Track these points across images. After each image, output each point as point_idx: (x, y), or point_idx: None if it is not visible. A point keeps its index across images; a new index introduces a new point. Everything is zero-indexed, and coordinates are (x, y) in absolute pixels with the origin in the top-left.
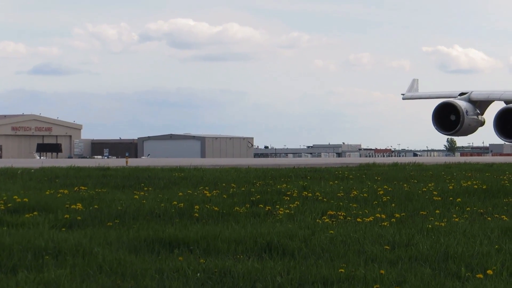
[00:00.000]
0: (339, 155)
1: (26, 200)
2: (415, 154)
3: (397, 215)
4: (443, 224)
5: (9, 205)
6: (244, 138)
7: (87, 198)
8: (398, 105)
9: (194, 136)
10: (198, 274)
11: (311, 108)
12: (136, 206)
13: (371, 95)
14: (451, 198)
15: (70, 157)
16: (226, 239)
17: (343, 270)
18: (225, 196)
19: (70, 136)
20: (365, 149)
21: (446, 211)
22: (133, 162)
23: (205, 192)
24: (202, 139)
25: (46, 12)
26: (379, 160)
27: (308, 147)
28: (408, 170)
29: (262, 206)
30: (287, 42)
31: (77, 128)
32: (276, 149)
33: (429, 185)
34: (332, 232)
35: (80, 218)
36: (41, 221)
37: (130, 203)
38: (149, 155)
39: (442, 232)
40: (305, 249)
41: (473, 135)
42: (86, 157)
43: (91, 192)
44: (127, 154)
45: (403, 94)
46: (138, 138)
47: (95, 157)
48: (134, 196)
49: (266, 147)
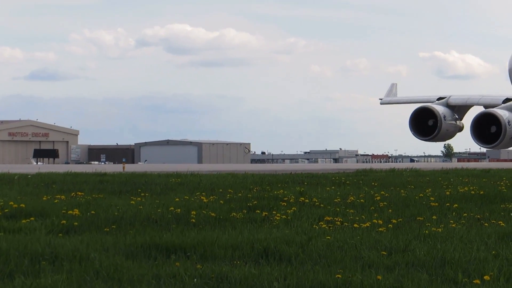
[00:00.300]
0: (336, 160)
1: (23, 205)
2: (412, 160)
3: (394, 221)
4: (440, 230)
5: (5, 210)
6: (241, 144)
7: (84, 203)
8: (395, 110)
9: (191, 142)
10: (195, 279)
11: (308, 113)
12: (133, 212)
13: (368, 100)
14: (448, 204)
15: (67, 163)
16: (223, 244)
17: (340, 276)
18: (222, 202)
19: (67, 142)
20: (362, 155)
21: (443, 217)
22: (130, 167)
23: (202, 197)
24: (199, 145)
25: (43, 17)
26: (376, 165)
27: (305, 152)
28: (405, 175)
29: (259, 211)
30: (284, 47)
31: (74, 134)
32: (273, 154)
33: (426, 190)
34: (329, 237)
35: (77, 223)
36: (38, 226)
37: (127, 208)
38: (146, 160)
39: (439, 238)
40: (302, 254)
41: (453, 140)
42: (83, 163)
43: (88, 198)
44: (124, 160)
45: (381, 99)
46: (135, 143)
47: (92, 162)
48: (131, 202)
49: (263, 153)
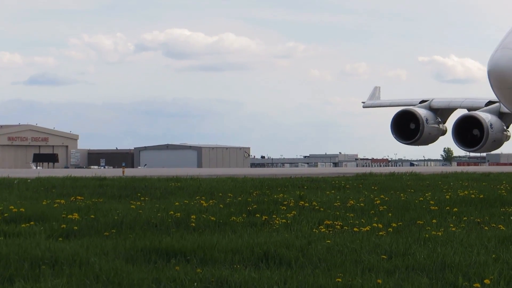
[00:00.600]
0: (336, 165)
1: (23, 210)
2: (412, 163)
3: (394, 225)
4: (440, 234)
5: (5, 215)
6: (240, 148)
7: (83, 208)
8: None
9: (191, 146)
10: (195, 283)
11: (308, 117)
12: (133, 216)
13: None
14: (448, 208)
15: (67, 167)
16: (223, 248)
17: (340, 280)
18: (221, 206)
19: (67, 146)
20: (361, 159)
21: (443, 221)
22: (129, 172)
23: (201, 202)
24: (198, 149)
25: (42, 22)
26: (375, 169)
27: (305, 157)
28: (405, 179)
29: (258, 215)
30: (283, 52)
31: (74, 138)
32: (272, 159)
33: (426, 194)
34: (329, 241)
35: (76, 228)
36: (37, 231)
37: (126, 213)
38: (145, 165)
39: (439, 242)
40: (302, 258)
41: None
42: (83, 167)
43: (88, 202)
44: (123, 164)
45: (363, 102)
46: (135, 148)
47: (92, 167)
48: (131, 206)
49: (263, 157)
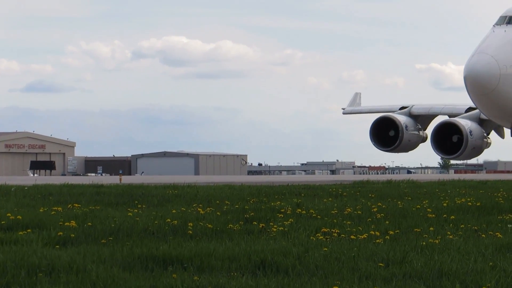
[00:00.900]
0: (333, 172)
1: (20, 217)
2: (409, 171)
3: (391, 232)
4: (437, 241)
5: (2, 222)
6: (238, 156)
7: (80, 215)
8: None
9: (188, 154)
10: None
11: (305, 125)
12: (130, 224)
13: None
14: (445, 215)
15: (64, 175)
16: (220, 256)
17: (337, 287)
18: (219, 213)
19: (64, 154)
20: (359, 167)
21: (440, 228)
22: (126, 179)
23: (198, 209)
24: (196, 157)
25: (39, 29)
26: (373, 177)
27: (302, 164)
28: (402, 187)
29: (256, 223)
30: (281, 59)
31: (71, 146)
32: (270, 166)
33: (423, 202)
34: (326, 249)
35: (73, 235)
36: (34, 238)
37: (123, 220)
38: (142, 172)
39: (436, 249)
40: (299, 266)
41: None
42: (80, 175)
43: (85, 210)
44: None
45: (343, 109)
46: (132, 155)
47: (89, 174)
48: (128, 214)
49: (260, 165)
